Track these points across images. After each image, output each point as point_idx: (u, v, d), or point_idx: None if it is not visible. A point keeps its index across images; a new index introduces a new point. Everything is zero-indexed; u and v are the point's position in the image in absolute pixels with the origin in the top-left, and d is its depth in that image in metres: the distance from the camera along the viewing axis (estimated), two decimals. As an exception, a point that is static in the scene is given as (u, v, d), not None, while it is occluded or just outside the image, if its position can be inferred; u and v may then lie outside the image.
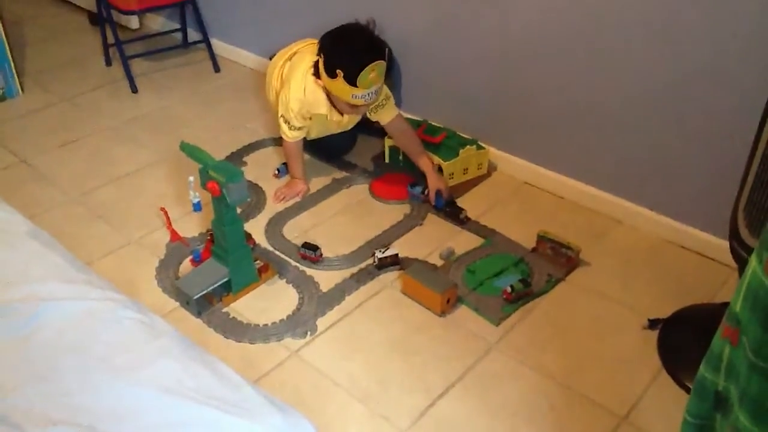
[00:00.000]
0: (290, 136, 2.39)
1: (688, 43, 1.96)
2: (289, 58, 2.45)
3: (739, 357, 0.83)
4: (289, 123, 2.36)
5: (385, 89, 2.37)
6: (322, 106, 2.33)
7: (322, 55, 2.23)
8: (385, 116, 2.43)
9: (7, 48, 2.98)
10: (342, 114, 2.38)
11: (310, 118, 2.39)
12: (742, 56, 1.88)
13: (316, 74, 2.28)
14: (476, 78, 2.51)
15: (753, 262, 0.80)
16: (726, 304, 0.89)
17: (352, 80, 2.16)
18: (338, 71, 2.16)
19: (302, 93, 2.30)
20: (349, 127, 2.53)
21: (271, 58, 2.61)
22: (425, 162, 2.43)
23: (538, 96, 2.37)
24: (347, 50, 2.20)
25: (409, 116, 2.72)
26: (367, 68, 2.15)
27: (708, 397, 0.92)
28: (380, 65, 2.19)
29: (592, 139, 2.30)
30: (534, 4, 2.23)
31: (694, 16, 1.92)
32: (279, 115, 2.38)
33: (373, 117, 2.43)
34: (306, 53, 2.38)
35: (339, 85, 2.19)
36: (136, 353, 1.24)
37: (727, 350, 0.87)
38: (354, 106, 2.28)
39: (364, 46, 2.20)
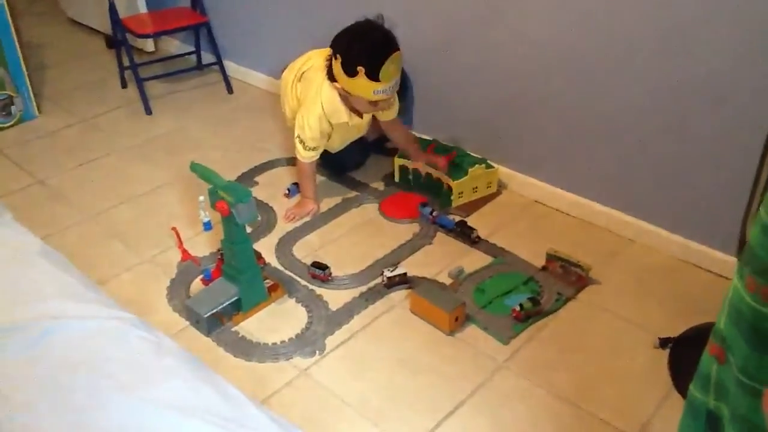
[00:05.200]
0: (305, 156, 2.42)
1: (696, 61, 1.96)
2: (299, 78, 2.48)
3: (727, 375, 0.83)
4: (304, 143, 2.39)
5: None
6: (343, 114, 2.35)
7: (338, 56, 2.23)
8: (391, 114, 2.49)
9: (25, 71, 3.04)
10: (361, 116, 2.41)
11: (330, 136, 2.42)
12: (750, 74, 1.88)
13: (331, 78, 2.29)
14: (485, 97, 2.52)
15: (735, 279, 0.80)
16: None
17: (374, 75, 2.18)
18: (359, 68, 2.18)
19: (320, 108, 2.33)
20: (366, 129, 2.56)
21: (282, 71, 2.63)
22: (414, 149, 2.58)
23: (548, 115, 2.37)
24: (365, 46, 2.21)
25: (418, 135, 2.74)
26: (387, 61, 2.17)
27: (699, 416, 0.92)
28: (398, 56, 2.22)
29: (602, 158, 2.30)
30: (543, 22, 2.25)
31: (704, 30, 1.92)
32: (295, 136, 2.41)
33: (381, 116, 2.48)
34: (317, 70, 2.40)
35: (360, 82, 2.21)
36: (144, 372, 1.26)
37: (715, 369, 0.86)
38: (373, 103, 2.30)
39: (380, 39, 2.22)
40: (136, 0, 3.40)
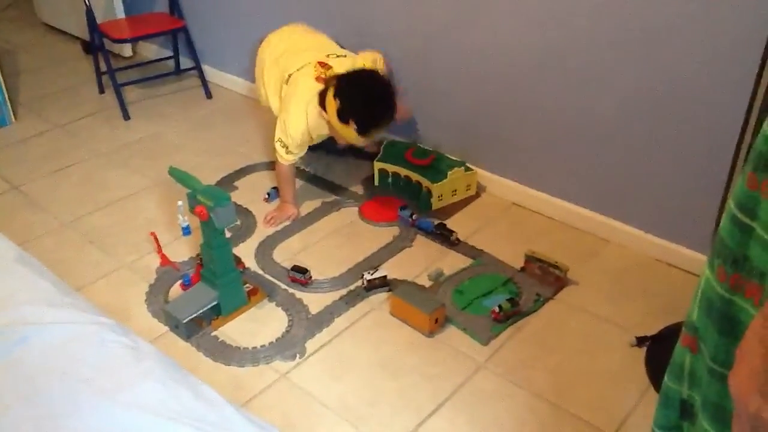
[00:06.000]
0: (287, 159, 2.42)
1: (670, 62, 1.99)
2: (286, 81, 2.46)
3: (699, 364, 0.85)
4: (287, 148, 2.39)
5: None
6: (325, 129, 2.39)
7: (337, 100, 2.25)
8: None
9: (0, 77, 3.01)
10: None
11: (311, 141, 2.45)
12: (723, 76, 1.91)
13: (322, 105, 2.31)
14: (463, 101, 2.54)
15: (706, 270, 0.82)
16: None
17: (363, 132, 2.26)
18: (351, 121, 2.24)
19: (305, 123, 2.35)
20: None
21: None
22: None
23: (525, 118, 2.40)
24: (364, 108, 2.26)
25: (398, 139, 2.75)
26: (380, 125, 2.28)
27: (674, 406, 0.93)
28: (389, 121, 2.31)
29: (579, 160, 2.33)
30: (518, 27, 2.27)
31: (675, 34, 1.95)
32: (276, 139, 2.41)
33: None
34: (304, 77, 2.40)
35: (348, 130, 2.27)
36: (121, 375, 1.25)
37: (688, 359, 0.88)
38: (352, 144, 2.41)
39: (380, 105, 2.28)
40: (113, 5, 3.39)
